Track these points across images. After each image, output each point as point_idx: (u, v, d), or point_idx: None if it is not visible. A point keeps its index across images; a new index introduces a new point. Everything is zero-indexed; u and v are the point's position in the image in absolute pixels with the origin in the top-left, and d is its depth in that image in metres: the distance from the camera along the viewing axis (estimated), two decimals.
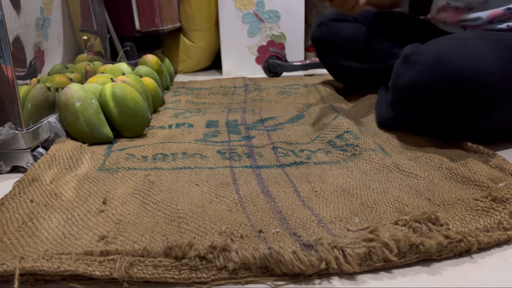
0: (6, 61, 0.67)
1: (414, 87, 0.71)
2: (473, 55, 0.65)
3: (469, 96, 0.65)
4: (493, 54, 0.65)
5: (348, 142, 0.73)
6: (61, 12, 0.92)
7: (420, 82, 0.70)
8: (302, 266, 0.40)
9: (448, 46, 0.69)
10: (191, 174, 0.64)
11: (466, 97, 0.66)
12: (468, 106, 0.67)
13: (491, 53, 0.65)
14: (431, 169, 0.63)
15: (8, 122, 0.70)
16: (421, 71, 0.70)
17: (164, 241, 0.46)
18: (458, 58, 0.66)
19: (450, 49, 0.68)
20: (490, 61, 0.64)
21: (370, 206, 0.53)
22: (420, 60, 0.71)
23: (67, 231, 0.48)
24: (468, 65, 0.64)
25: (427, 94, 0.69)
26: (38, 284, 0.41)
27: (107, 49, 1.27)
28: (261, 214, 0.51)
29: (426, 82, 0.69)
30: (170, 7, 1.60)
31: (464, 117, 0.68)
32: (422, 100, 0.71)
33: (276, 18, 1.70)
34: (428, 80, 0.69)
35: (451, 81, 0.66)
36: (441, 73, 0.67)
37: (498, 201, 0.50)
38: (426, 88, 0.69)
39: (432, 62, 0.68)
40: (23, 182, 0.60)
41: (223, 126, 0.91)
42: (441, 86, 0.67)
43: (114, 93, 0.81)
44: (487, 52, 0.65)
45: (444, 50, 0.68)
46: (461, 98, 0.66)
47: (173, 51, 1.79)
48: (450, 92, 0.66)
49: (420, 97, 0.71)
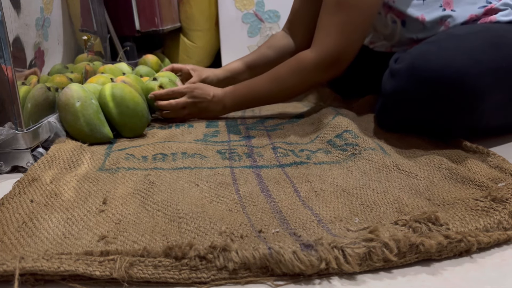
0: (6, 61, 0.67)
1: (398, 94, 0.72)
2: (449, 54, 0.65)
3: (452, 94, 0.65)
4: (469, 48, 0.66)
5: (348, 141, 0.73)
6: (61, 12, 0.92)
7: (402, 88, 0.71)
8: (302, 266, 0.40)
9: (423, 50, 0.69)
10: (191, 174, 0.64)
11: (450, 96, 0.66)
12: (453, 105, 0.67)
13: (466, 48, 0.66)
14: (431, 169, 0.63)
15: (8, 122, 0.71)
16: (400, 78, 0.71)
17: (164, 241, 0.46)
18: (434, 59, 0.66)
19: (425, 52, 0.68)
20: (467, 56, 0.64)
21: (370, 206, 0.53)
22: (399, 68, 0.71)
23: (67, 231, 0.48)
24: (446, 65, 0.64)
25: (411, 100, 0.70)
26: (38, 284, 0.41)
27: (107, 49, 1.27)
28: (261, 214, 0.51)
29: (407, 88, 0.69)
30: (170, 7, 1.60)
31: (453, 116, 0.69)
32: (408, 105, 0.72)
33: (276, 18, 1.70)
34: (409, 86, 0.69)
35: (431, 83, 0.66)
36: (419, 77, 0.67)
37: (498, 201, 0.50)
38: (409, 93, 0.70)
39: (409, 68, 0.69)
40: (23, 182, 0.60)
41: (223, 126, 0.91)
42: (423, 90, 0.67)
43: (114, 93, 0.81)
44: (462, 48, 0.66)
45: (419, 54, 0.69)
46: (445, 98, 0.66)
47: (173, 51, 1.79)
48: (433, 94, 0.67)
49: (406, 103, 0.72)
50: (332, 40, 0.80)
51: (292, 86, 0.87)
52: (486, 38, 0.68)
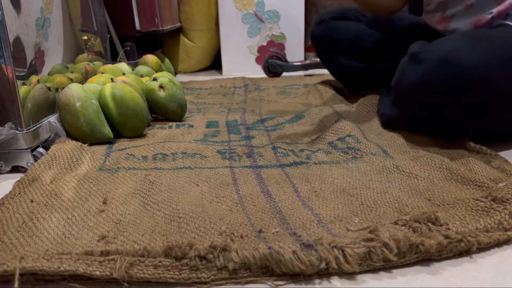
0: (6, 61, 0.67)
1: (421, 86, 0.70)
2: (482, 54, 0.65)
3: (478, 95, 0.65)
4: (502, 52, 0.65)
5: (350, 145, 0.73)
6: (61, 12, 0.93)
7: (428, 81, 0.69)
8: (302, 266, 0.40)
9: (457, 45, 0.68)
10: (191, 174, 0.64)
11: (475, 96, 0.65)
12: (476, 106, 0.66)
13: (500, 51, 0.65)
14: (431, 169, 0.63)
15: (8, 122, 0.71)
16: (429, 69, 0.69)
17: (164, 241, 0.46)
18: (467, 57, 0.65)
19: (459, 47, 0.67)
20: (499, 59, 0.64)
21: (370, 206, 0.53)
22: (428, 58, 0.69)
23: (67, 231, 0.48)
24: (478, 64, 0.64)
25: (435, 93, 0.68)
26: (38, 284, 0.41)
27: (107, 49, 1.27)
28: (261, 214, 0.51)
29: (434, 81, 0.68)
30: (170, 7, 1.60)
31: (472, 116, 0.68)
32: (429, 99, 0.70)
33: (276, 18, 1.70)
34: (436, 79, 0.67)
35: (460, 81, 0.65)
36: (450, 72, 0.66)
37: (498, 201, 0.50)
38: (434, 87, 0.68)
39: (441, 61, 0.67)
40: (23, 182, 0.60)
41: (223, 126, 0.91)
42: (450, 85, 0.66)
43: (114, 93, 0.81)
44: (496, 51, 0.65)
45: (452, 49, 0.67)
46: (470, 98, 0.66)
47: (173, 51, 1.79)
48: (459, 92, 0.66)
49: (427, 96, 0.70)
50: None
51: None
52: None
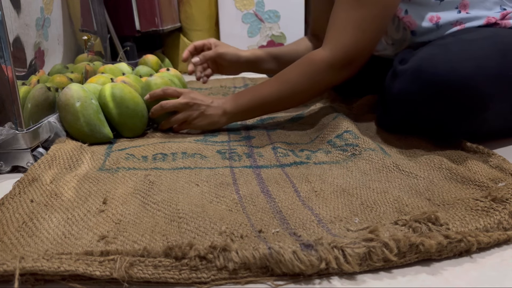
0: (6, 61, 0.67)
1: (402, 96, 0.71)
2: (456, 58, 0.65)
3: (457, 99, 0.65)
4: (476, 54, 0.65)
5: (348, 142, 0.73)
6: (61, 12, 0.93)
7: (407, 90, 0.70)
8: (302, 266, 0.40)
9: (430, 53, 0.68)
10: (191, 174, 0.64)
11: (453, 101, 0.65)
12: (456, 110, 0.66)
13: (473, 54, 0.65)
14: (431, 169, 0.63)
15: (8, 122, 0.71)
16: (406, 80, 0.70)
17: (164, 241, 0.46)
18: (440, 63, 0.65)
19: (432, 55, 0.67)
20: (474, 62, 0.64)
21: (370, 206, 0.53)
22: (405, 69, 0.70)
23: (67, 231, 0.48)
24: (452, 69, 0.64)
25: (416, 102, 0.69)
26: (38, 284, 0.41)
27: (107, 49, 1.27)
28: (261, 214, 0.51)
29: (412, 90, 0.69)
30: (170, 7, 1.60)
31: (456, 120, 0.68)
32: (411, 107, 0.71)
33: (276, 18, 1.70)
34: (414, 88, 0.68)
35: (437, 87, 0.65)
36: (425, 80, 0.66)
37: (498, 201, 0.50)
38: (414, 96, 0.69)
39: (416, 70, 0.68)
40: (23, 182, 0.60)
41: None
42: (428, 93, 0.67)
43: (114, 93, 0.81)
44: (469, 54, 0.65)
45: (426, 57, 0.68)
46: (449, 103, 0.66)
47: (173, 51, 1.79)
48: (437, 98, 0.66)
49: (409, 105, 0.71)
50: (348, 37, 0.74)
51: (303, 89, 0.79)
52: (494, 45, 0.67)
